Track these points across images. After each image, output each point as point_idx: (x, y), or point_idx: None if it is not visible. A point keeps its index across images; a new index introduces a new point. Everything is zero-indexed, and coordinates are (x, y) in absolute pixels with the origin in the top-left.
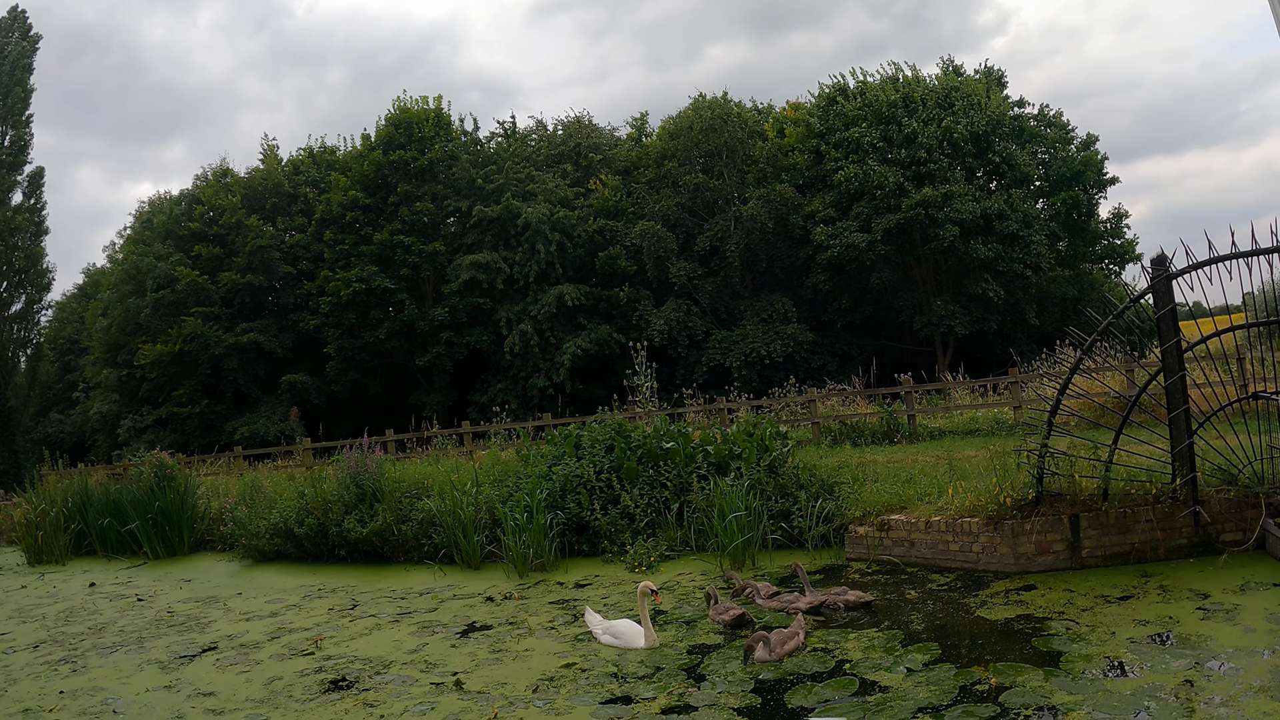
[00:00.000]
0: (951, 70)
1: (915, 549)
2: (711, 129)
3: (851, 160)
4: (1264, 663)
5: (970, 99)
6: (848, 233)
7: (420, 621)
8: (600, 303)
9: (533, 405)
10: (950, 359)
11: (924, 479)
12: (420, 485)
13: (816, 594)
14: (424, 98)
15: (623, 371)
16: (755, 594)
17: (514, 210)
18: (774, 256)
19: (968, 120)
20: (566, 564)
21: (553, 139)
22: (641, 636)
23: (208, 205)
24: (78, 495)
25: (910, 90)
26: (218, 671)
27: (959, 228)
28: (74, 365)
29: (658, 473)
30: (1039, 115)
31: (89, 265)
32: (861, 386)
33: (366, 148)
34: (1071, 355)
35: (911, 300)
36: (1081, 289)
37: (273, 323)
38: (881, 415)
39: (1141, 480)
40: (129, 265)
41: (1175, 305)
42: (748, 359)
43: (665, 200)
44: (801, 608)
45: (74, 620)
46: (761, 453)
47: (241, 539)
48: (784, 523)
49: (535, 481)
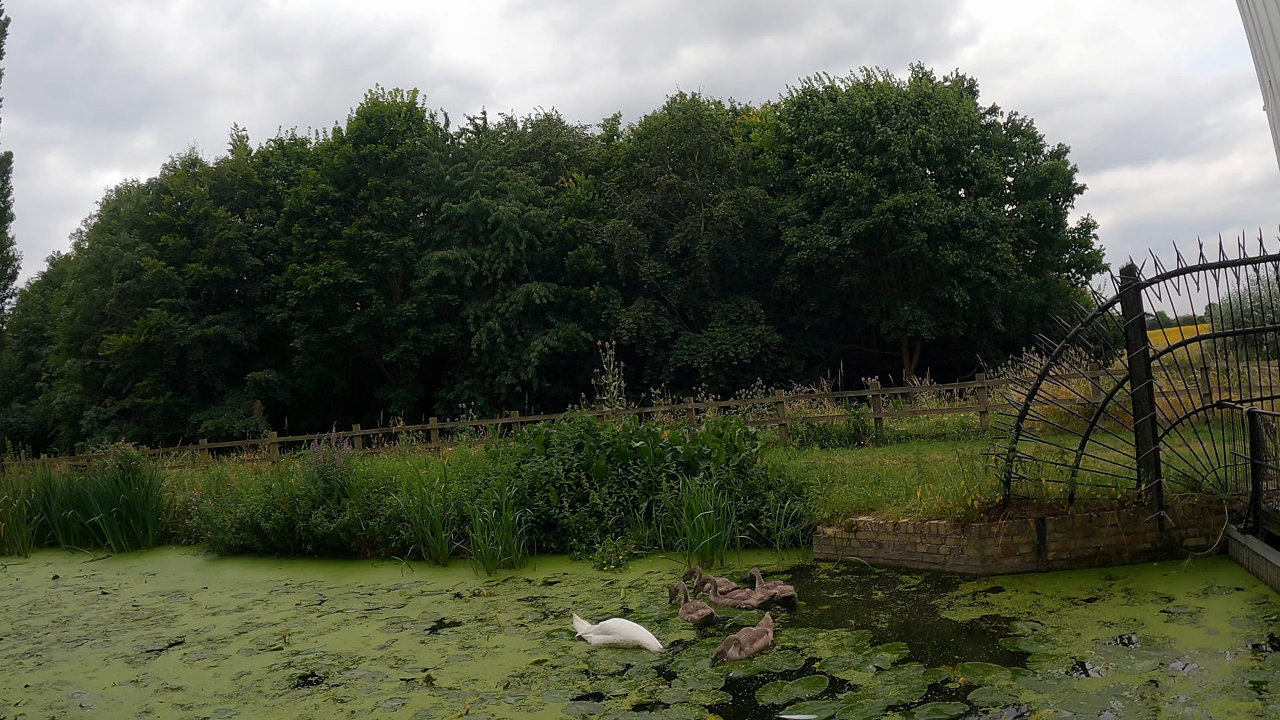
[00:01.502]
0: (923, 77)
1: (883, 550)
2: (684, 130)
3: (824, 165)
4: (1227, 664)
5: (943, 108)
6: (818, 235)
7: (389, 617)
8: (569, 301)
9: (500, 403)
10: (917, 363)
11: (892, 481)
12: (388, 481)
13: (764, 590)
14: (397, 90)
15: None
16: (713, 589)
17: (483, 208)
18: (744, 258)
19: (940, 131)
20: (535, 561)
21: (523, 136)
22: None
23: (175, 195)
24: (41, 486)
25: (884, 97)
26: (185, 666)
27: (927, 234)
28: (37, 354)
29: (626, 471)
30: (1009, 124)
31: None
32: (829, 389)
33: (337, 141)
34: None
35: (879, 304)
36: (1048, 296)
37: (239, 315)
38: (849, 418)
39: (1107, 485)
40: (95, 254)
41: (1144, 314)
42: (715, 360)
43: (636, 200)
44: (753, 604)
45: (38, 613)
46: (730, 453)
47: (207, 533)
48: (752, 523)
49: (504, 479)
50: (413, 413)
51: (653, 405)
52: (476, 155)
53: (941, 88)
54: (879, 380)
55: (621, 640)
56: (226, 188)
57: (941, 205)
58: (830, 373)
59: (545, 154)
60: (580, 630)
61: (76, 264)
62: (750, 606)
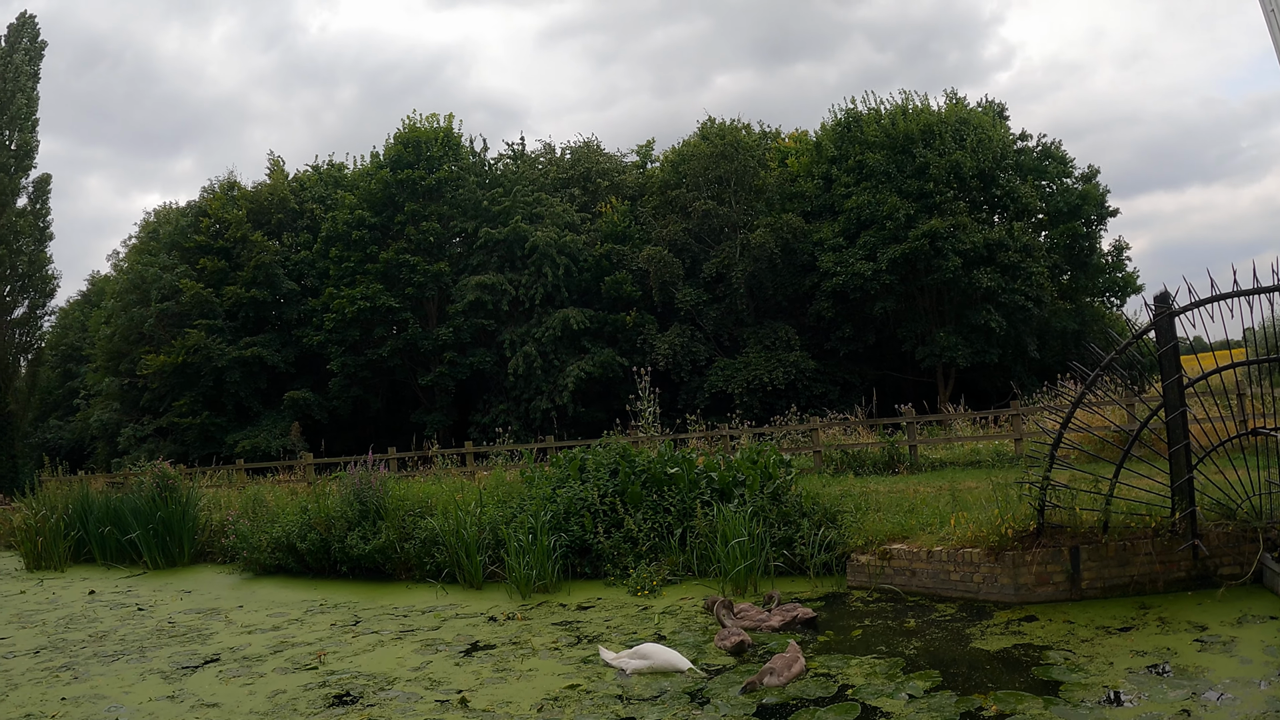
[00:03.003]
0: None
1: (917, 578)
2: (721, 155)
3: (863, 188)
4: (1260, 694)
5: (978, 133)
6: (854, 261)
7: (423, 639)
8: (605, 326)
9: (535, 427)
10: (952, 390)
11: (926, 509)
12: (424, 504)
13: (783, 612)
14: (434, 115)
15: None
16: (728, 611)
17: (521, 233)
18: (779, 284)
19: (975, 155)
20: (569, 586)
21: (560, 163)
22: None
23: (214, 218)
24: (78, 502)
25: (929, 121)
26: (221, 683)
27: (961, 259)
28: (75, 372)
29: (661, 497)
30: (1040, 148)
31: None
32: (863, 416)
33: (375, 166)
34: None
35: (914, 330)
36: (1083, 322)
37: (276, 337)
38: (883, 445)
39: (1141, 514)
40: (134, 275)
41: (1177, 341)
42: (750, 386)
43: (673, 226)
44: (774, 625)
45: (74, 627)
46: (765, 480)
47: (243, 552)
48: (786, 550)
49: (539, 503)
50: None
51: (687, 431)
52: (514, 181)
53: (975, 112)
54: (913, 407)
55: (657, 666)
56: (264, 211)
57: (976, 229)
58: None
59: (584, 180)
60: (607, 659)
61: (115, 284)
62: (771, 628)
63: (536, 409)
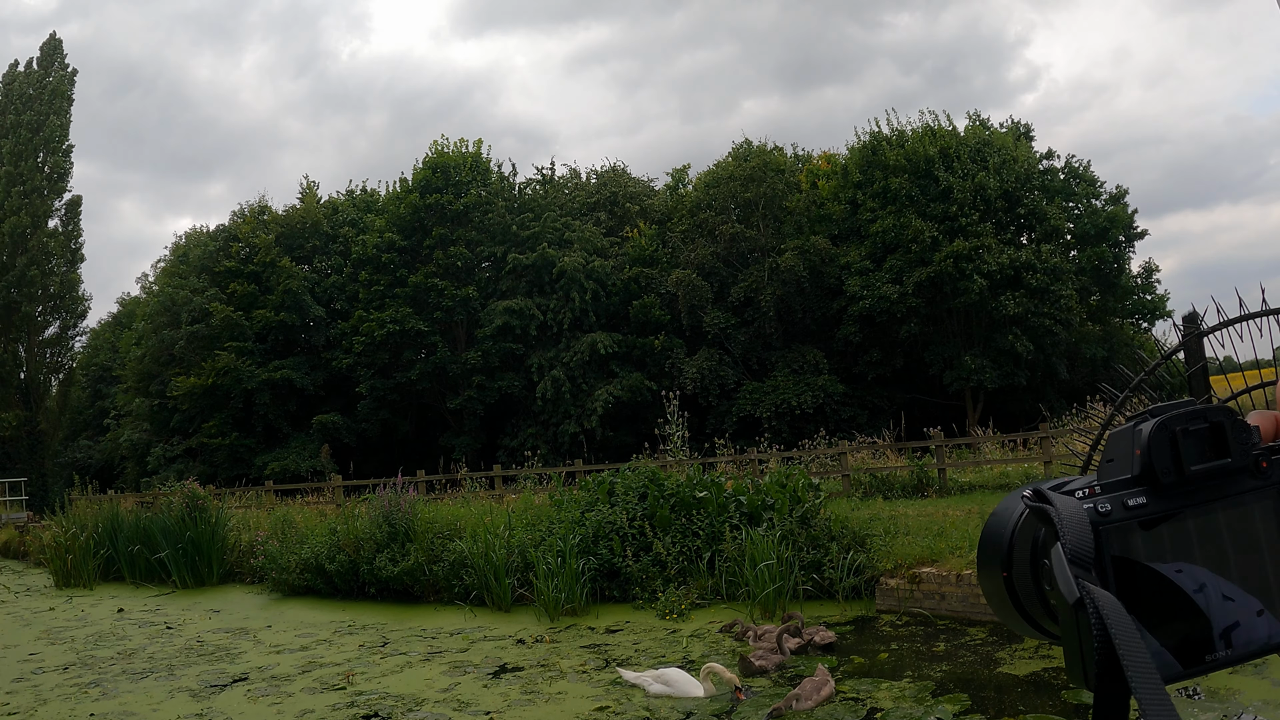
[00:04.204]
0: (980, 124)
1: (946, 602)
2: (750, 179)
3: (889, 211)
4: None
5: (1002, 154)
6: (880, 285)
7: (451, 661)
8: (633, 350)
9: (563, 451)
10: (980, 413)
11: (955, 532)
12: (452, 527)
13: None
14: (462, 140)
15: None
16: (752, 635)
17: (549, 259)
18: (807, 308)
19: (999, 177)
20: (597, 609)
21: (588, 187)
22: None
23: (244, 242)
24: (108, 521)
25: (946, 144)
26: (249, 702)
27: (987, 280)
28: (105, 392)
29: (690, 521)
30: (1067, 168)
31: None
32: (892, 440)
33: (404, 190)
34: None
35: (942, 354)
36: (1112, 345)
37: (305, 360)
38: (912, 469)
39: None
40: (164, 298)
41: (1206, 362)
42: (778, 410)
43: (701, 249)
44: (792, 648)
45: (103, 645)
46: (794, 504)
47: (271, 572)
48: (815, 573)
49: (568, 526)
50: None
51: (716, 455)
52: (543, 206)
53: (998, 134)
54: (942, 430)
55: (679, 692)
56: (295, 235)
57: (1000, 250)
58: (893, 423)
59: (611, 204)
60: (628, 678)
61: (146, 306)
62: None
63: (565, 433)
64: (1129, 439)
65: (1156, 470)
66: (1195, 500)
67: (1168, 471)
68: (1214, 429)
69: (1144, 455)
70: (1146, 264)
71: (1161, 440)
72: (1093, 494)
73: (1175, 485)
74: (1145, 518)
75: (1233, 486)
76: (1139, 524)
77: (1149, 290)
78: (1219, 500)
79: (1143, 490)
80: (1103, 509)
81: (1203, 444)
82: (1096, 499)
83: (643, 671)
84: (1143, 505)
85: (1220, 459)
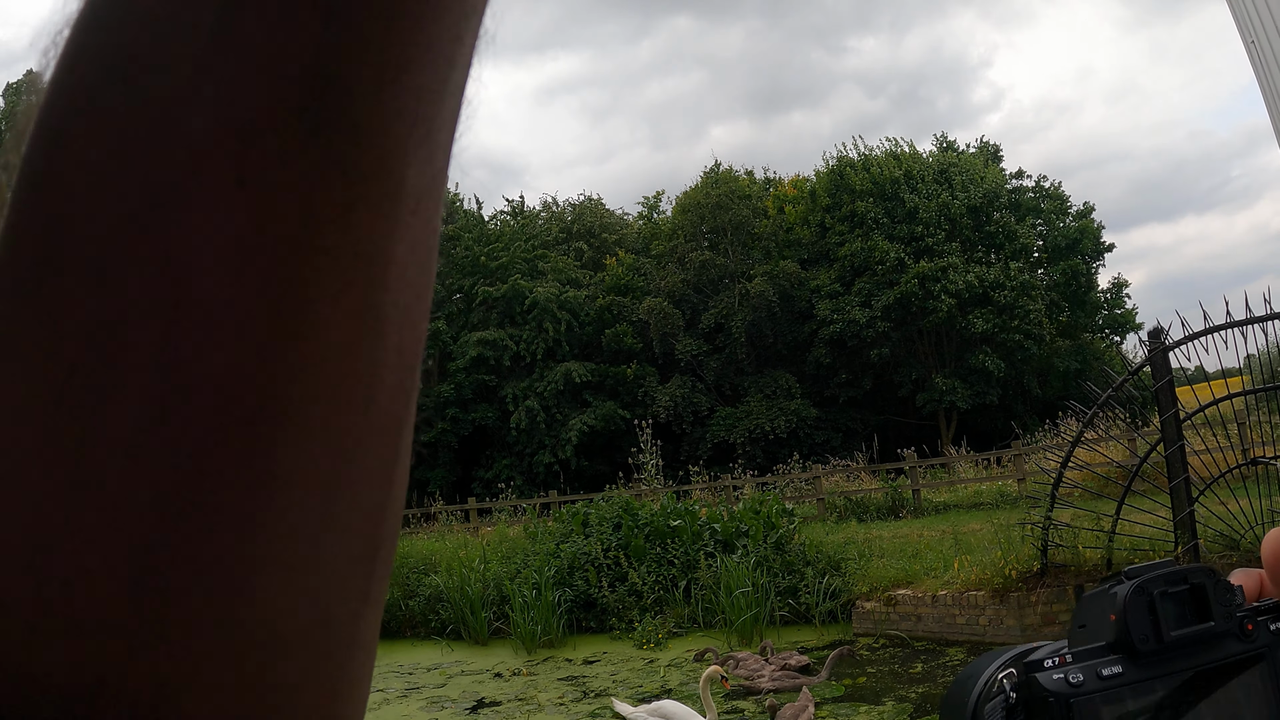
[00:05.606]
0: (946, 147)
1: (922, 623)
2: (719, 205)
3: (856, 235)
4: None
5: (967, 173)
6: (850, 308)
7: (429, 697)
8: (606, 379)
9: (538, 482)
10: (954, 433)
11: (930, 553)
12: (427, 561)
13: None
14: None
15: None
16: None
17: (520, 290)
18: (778, 332)
19: (965, 195)
20: (574, 640)
21: (561, 218)
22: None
23: None
24: None
25: (910, 166)
26: None
27: (955, 299)
28: None
29: (665, 550)
30: (1036, 187)
31: None
32: (866, 462)
33: None
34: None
35: (912, 375)
36: (1083, 360)
37: None
38: (886, 490)
39: (1145, 549)
40: None
41: (1172, 376)
42: (752, 435)
43: (671, 277)
44: (765, 675)
45: None
46: (768, 530)
47: None
48: (791, 599)
49: (543, 558)
50: (451, 492)
51: (690, 483)
52: (513, 237)
53: (966, 155)
54: (915, 451)
55: None
56: None
57: (967, 269)
58: (866, 446)
59: (588, 235)
60: (623, 711)
61: None
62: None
63: (539, 463)
64: (1103, 603)
65: (1134, 637)
66: (1175, 669)
67: (1145, 639)
68: (1195, 590)
69: (1120, 621)
70: (1116, 279)
71: (1139, 605)
72: (1064, 663)
73: (1154, 653)
74: (1121, 688)
75: (1216, 652)
76: (1114, 695)
77: (1119, 305)
78: (1200, 668)
79: (1118, 659)
80: (1074, 680)
81: (1183, 607)
82: (1068, 668)
83: (637, 707)
84: (1118, 675)
85: (1202, 623)
